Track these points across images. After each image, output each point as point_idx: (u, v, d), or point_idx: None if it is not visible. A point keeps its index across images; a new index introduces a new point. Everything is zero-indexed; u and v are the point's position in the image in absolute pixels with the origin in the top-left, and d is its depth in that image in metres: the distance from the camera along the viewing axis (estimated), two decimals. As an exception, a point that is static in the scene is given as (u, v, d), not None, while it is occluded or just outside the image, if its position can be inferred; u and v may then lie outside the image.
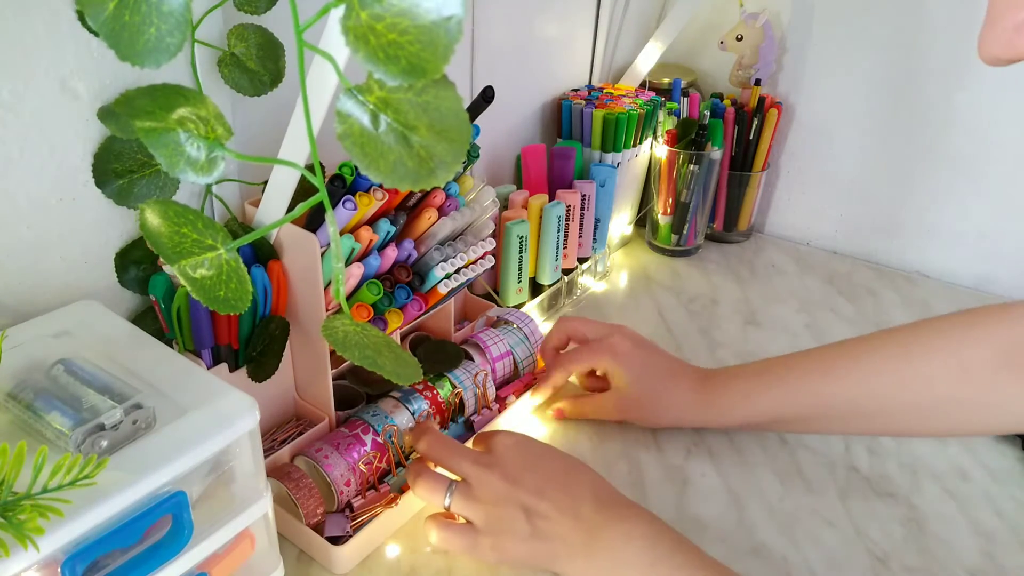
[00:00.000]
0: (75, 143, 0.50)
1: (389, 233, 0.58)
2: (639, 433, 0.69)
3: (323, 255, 0.54)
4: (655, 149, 0.97)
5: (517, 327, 0.73)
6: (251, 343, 0.56)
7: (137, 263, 0.55)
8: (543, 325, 0.78)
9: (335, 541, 0.54)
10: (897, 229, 1.01)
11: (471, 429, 0.66)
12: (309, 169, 0.38)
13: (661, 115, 0.95)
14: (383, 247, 0.58)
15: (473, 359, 0.69)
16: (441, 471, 0.56)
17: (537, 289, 0.86)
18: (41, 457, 0.33)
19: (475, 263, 0.65)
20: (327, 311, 0.56)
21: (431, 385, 0.65)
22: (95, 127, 0.50)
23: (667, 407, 0.66)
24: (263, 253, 0.56)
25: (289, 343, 0.58)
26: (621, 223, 1.01)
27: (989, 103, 0.90)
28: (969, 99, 0.91)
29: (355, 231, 0.55)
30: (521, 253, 0.78)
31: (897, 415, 0.60)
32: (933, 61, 0.91)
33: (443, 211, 0.61)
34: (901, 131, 0.96)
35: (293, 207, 0.44)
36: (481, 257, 0.66)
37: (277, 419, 0.63)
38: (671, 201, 0.98)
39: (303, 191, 0.49)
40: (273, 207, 0.52)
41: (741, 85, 1.03)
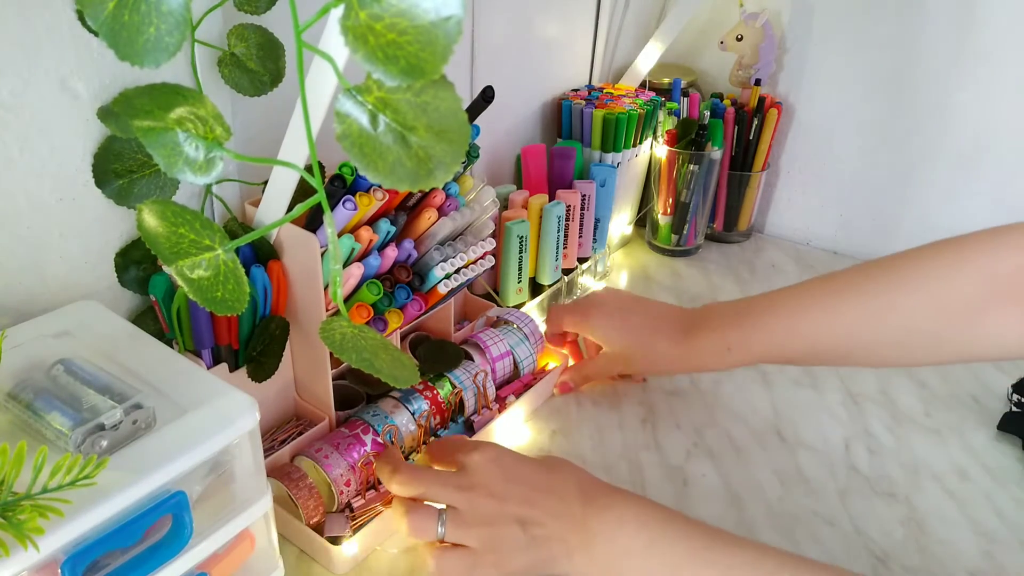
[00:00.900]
0: (75, 143, 0.50)
1: (389, 233, 0.58)
2: (639, 433, 0.69)
3: (323, 255, 0.54)
4: (655, 149, 0.97)
5: (517, 327, 0.73)
6: (251, 343, 0.56)
7: (137, 263, 0.55)
8: (543, 325, 0.78)
9: (335, 541, 0.54)
10: (897, 229, 1.01)
11: (471, 429, 0.66)
12: (308, 170, 0.38)
13: (661, 115, 0.95)
14: (383, 247, 0.58)
15: (473, 359, 0.69)
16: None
17: (537, 289, 0.86)
18: (41, 457, 0.33)
19: (475, 263, 0.65)
20: (327, 311, 0.56)
21: (431, 385, 0.65)
22: (95, 127, 0.50)
23: (653, 361, 0.70)
24: (263, 253, 0.56)
25: (289, 343, 0.58)
26: (621, 223, 1.01)
27: (989, 103, 0.90)
28: (969, 99, 0.91)
29: (355, 231, 0.55)
30: (521, 253, 0.78)
31: (878, 349, 0.61)
32: (933, 61, 0.91)
33: (443, 211, 0.62)
34: (901, 131, 0.96)
35: (294, 207, 0.44)
36: (481, 257, 0.66)
37: (277, 419, 0.63)
38: (671, 201, 0.98)
39: (303, 191, 0.49)
40: (273, 207, 0.52)
41: (741, 85, 1.03)
